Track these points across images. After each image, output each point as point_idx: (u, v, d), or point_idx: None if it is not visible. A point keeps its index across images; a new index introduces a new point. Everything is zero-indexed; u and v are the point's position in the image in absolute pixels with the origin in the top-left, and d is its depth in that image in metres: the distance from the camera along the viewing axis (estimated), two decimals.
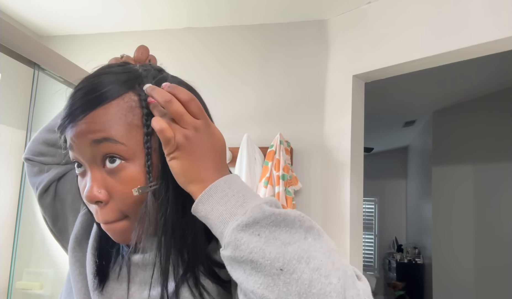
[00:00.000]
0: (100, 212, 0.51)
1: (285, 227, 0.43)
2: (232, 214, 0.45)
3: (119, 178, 0.50)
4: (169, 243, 0.50)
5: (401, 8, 1.85)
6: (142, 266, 0.55)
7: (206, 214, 0.47)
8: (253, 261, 0.41)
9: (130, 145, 0.50)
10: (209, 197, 0.47)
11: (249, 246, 0.42)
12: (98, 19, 2.26)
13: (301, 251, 0.41)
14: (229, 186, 0.47)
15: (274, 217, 0.43)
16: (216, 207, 0.46)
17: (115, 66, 0.54)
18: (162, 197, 0.51)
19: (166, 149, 0.49)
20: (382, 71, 1.93)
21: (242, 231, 0.43)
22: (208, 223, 0.46)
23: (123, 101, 0.51)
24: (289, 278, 0.40)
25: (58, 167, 0.73)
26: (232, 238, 0.43)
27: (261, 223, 0.43)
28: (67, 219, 0.71)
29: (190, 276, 0.51)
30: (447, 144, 4.08)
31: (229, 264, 0.44)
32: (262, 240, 0.42)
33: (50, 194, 0.72)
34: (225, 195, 0.46)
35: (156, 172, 0.51)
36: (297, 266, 0.40)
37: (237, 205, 0.45)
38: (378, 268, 6.40)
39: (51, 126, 0.74)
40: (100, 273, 0.56)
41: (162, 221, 0.50)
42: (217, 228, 0.45)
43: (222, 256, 0.45)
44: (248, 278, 0.41)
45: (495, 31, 1.55)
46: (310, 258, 0.40)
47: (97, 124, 0.49)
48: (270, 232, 0.42)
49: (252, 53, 2.24)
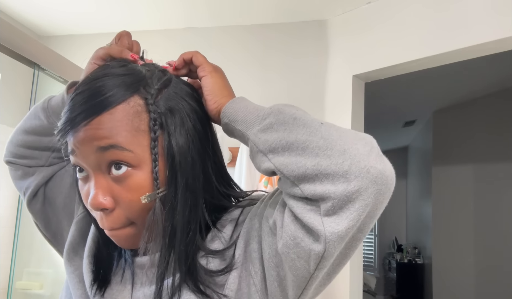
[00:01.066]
0: (105, 219, 0.50)
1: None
2: (262, 108, 0.52)
3: (125, 185, 0.49)
4: (175, 248, 0.50)
5: (401, 8, 1.85)
6: (147, 267, 0.54)
7: (240, 108, 0.53)
8: (297, 118, 0.47)
9: (137, 152, 0.49)
10: (242, 99, 0.55)
11: (291, 110, 0.49)
12: (98, 19, 2.26)
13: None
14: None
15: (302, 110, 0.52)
16: (250, 103, 0.54)
17: (117, 67, 0.53)
18: (170, 203, 0.50)
19: (202, 70, 0.58)
20: (382, 71, 1.93)
21: (282, 105, 0.50)
22: (240, 115, 0.52)
23: (129, 106, 0.49)
24: (329, 126, 0.47)
25: (43, 169, 0.70)
26: (274, 108, 0.50)
27: (295, 107, 0.51)
28: (61, 223, 0.69)
29: (189, 278, 0.51)
30: (447, 144, 4.08)
31: (263, 132, 0.49)
32: (302, 111, 0.50)
33: (39, 199, 0.69)
34: (252, 102, 0.55)
35: (163, 177, 0.50)
36: (333, 124, 0.48)
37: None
38: (378, 268, 6.40)
39: (28, 127, 0.68)
40: (98, 280, 0.56)
41: (169, 227, 0.50)
42: (250, 115, 0.52)
43: (255, 132, 0.50)
44: (289, 134, 0.46)
45: (495, 31, 1.55)
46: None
47: (103, 130, 0.48)
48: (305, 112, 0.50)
49: (252, 53, 2.24)
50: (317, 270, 0.45)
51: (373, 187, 0.42)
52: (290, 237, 0.45)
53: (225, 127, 0.55)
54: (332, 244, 0.42)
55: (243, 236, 0.53)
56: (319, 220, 0.43)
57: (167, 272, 0.50)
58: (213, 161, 0.56)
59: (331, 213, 0.42)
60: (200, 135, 0.54)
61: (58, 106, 0.65)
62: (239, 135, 0.53)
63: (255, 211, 0.55)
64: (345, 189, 0.41)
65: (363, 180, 0.41)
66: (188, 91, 0.56)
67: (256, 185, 1.94)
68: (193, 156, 0.52)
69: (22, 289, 1.66)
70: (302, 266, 0.45)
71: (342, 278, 1.88)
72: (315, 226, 0.43)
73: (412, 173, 5.64)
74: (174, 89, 0.54)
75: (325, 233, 0.42)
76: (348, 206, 0.42)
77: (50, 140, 0.66)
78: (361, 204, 0.42)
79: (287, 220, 0.46)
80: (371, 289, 4.71)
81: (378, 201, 0.43)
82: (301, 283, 0.47)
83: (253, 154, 0.51)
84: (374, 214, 0.44)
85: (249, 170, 1.93)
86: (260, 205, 0.55)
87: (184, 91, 0.55)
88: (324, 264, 0.45)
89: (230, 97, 0.56)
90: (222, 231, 0.54)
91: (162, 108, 0.51)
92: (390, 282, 5.92)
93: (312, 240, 0.43)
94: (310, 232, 0.44)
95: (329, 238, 0.42)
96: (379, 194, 0.42)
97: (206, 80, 0.57)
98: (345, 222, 0.42)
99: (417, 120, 4.57)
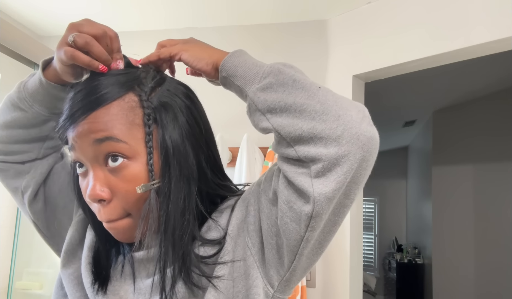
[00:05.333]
0: (103, 211, 0.52)
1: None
2: (262, 65, 0.53)
3: (121, 176, 0.51)
4: (170, 238, 0.51)
5: (401, 8, 1.85)
6: (146, 261, 0.56)
7: (239, 62, 0.54)
8: (296, 80, 0.49)
9: (132, 144, 0.51)
10: (241, 53, 0.56)
11: (291, 72, 0.50)
12: (97, 19, 2.25)
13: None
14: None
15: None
16: (250, 58, 0.55)
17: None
18: (164, 194, 0.52)
19: (173, 50, 0.57)
20: (382, 71, 1.93)
21: (282, 65, 0.51)
22: (239, 70, 0.53)
23: (124, 102, 0.51)
24: (326, 91, 0.48)
25: (38, 164, 0.66)
26: (274, 67, 0.51)
27: (294, 68, 0.52)
28: (61, 222, 0.68)
29: (184, 269, 0.52)
30: (447, 144, 4.08)
31: (263, 91, 0.50)
32: (301, 73, 0.51)
33: (40, 198, 0.67)
34: (251, 57, 0.56)
35: (157, 169, 0.52)
36: (330, 89, 0.49)
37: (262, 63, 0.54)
38: (378, 268, 6.40)
39: (9, 121, 0.62)
40: (99, 279, 0.56)
41: (164, 217, 0.51)
42: (250, 71, 0.53)
43: (254, 91, 0.51)
44: (288, 96, 0.48)
45: (495, 31, 1.55)
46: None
47: (99, 124, 0.50)
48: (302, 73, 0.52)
49: (252, 53, 2.21)
50: (307, 232, 0.48)
51: (360, 152, 0.45)
52: (284, 202, 0.48)
53: (223, 80, 0.57)
54: (320, 204, 0.45)
55: (236, 214, 0.56)
56: (309, 182, 0.46)
57: (165, 262, 0.52)
58: (207, 154, 0.58)
59: (321, 174, 0.45)
60: (193, 129, 0.56)
61: (36, 89, 0.60)
62: (236, 90, 0.55)
63: (248, 190, 0.58)
64: (335, 153, 0.45)
65: (353, 146, 0.44)
66: (181, 89, 0.58)
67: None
68: (186, 148, 0.54)
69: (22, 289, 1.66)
70: (294, 229, 0.48)
71: (342, 278, 1.88)
72: (305, 188, 0.46)
73: (412, 173, 5.64)
74: (168, 87, 0.56)
75: (313, 193, 0.45)
76: (336, 168, 0.45)
77: (39, 130, 0.63)
78: (348, 168, 0.45)
79: (281, 186, 0.49)
80: (371, 289, 4.71)
81: (362, 167, 0.46)
82: (293, 247, 0.50)
83: (251, 111, 0.53)
84: (358, 180, 0.47)
85: (249, 169, 1.93)
86: (252, 186, 0.58)
87: (178, 90, 0.57)
88: (313, 225, 0.47)
89: (219, 52, 0.58)
90: (218, 220, 0.56)
91: (155, 104, 0.53)
92: (390, 282, 5.93)
93: (303, 202, 0.47)
94: (302, 195, 0.47)
95: (317, 198, 0.45)
96: (363, 160, 0.46)
97: (184, 56, 0.59)
98: (332, 184, 0.45)
99: (417, 120, 4.57)
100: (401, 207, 6.16)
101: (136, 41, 2.43)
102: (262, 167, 1.96)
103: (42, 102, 0.60)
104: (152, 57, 0.58)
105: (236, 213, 0.56)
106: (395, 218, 6.19)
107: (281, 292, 0.54)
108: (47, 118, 0.62)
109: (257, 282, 0.52)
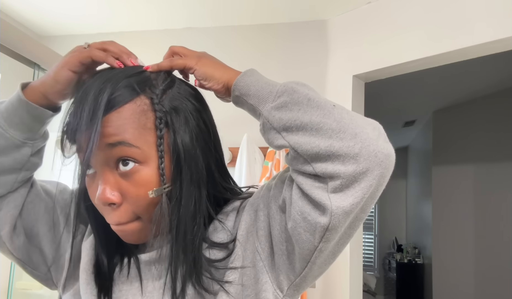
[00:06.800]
0: (112, 214, 0.52)
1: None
2: (275, 84, 0.53)
3: (133, 181, 0.51)
4: (181, 242, 0.51)
5: (401, 8, 1.85)
6: (153, 263, 0.55)
7: (252, 81, 0.54)
8: (310, 98, 0.49)
9: (144, 149, 0.51)
10: (252, 72, 0.56)
11: (305, 90, 0.50)
12: (98, 19, 2.26)
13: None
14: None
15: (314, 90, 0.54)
16: (262, 77, 0.56)
17: (123, 70, 0.54)
18: (175, 198, 0.51)
19: (188, 64, 0.57)
20: (382, 71, 1.93)
21: (295, 84, 0.51)
22: (252, 89, 0.54)
23: (136, 105, 0.51)
24: (341, 109, 0.48)
25: (11, 198, 0.59)
26: (288, 86, 0.51)
27: (307, 86, 0.52)
28: (43, 252, 0.63)
29: (195, 273, 0.52)
30: (447, 144, 4.08)
31: (277, 110, 0.50)
32: (314, 92, 0.51)
33: (20, 232, 0.60)
34: (263, 76, 0.56)
35: (169, 173, 0.52)
36: (343, 107, 0.50)
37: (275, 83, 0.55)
38: (378, 268, 6.40)
39: None
40: (103, 288, 0.56)
41: (175, 221, 0.51)
42: (263, 90, 0.53)
43: (269, 110, 0.51)
44: (304, 114, 0.48)
45: (495, 31, 1.55)
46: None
47: (111, 128, 0.49)
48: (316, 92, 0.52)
49: (252, 53, 2.23)
50: (321, 243, 0.48)
51: (378, 169, 0.45)
52: (298, 212, 0.48)
53: (235, 99, 0.57)
54: (337, 218, 0.45)
55: (245, 218, 0.56)
56: (326, 196, 0.46)
57: (176, 266, 0.52)
58: (215, 157, 0.58)
59: (338, 190, 0.45)
60: (203, 133, 0.56)
61: (13, 111, 0.55)
62: (250, 108, 0.55)
63: (257, 195, 0.58)
64: (354, 170, 0.45)
65: (371, 163, 0.45)
66: (191, 92, 0.58)
67: (257, 184, 1.94)
68: (197, 152, 0.54)
69: (22, 289, 1.66)
70: (308, 239, 0.48)
71: (342, 278, 1.88)
72: (322, 201, 0.46)
73: (412, 173, 5.64)
74: (178, 89, 0.56)
75: (331, 206, 0.45)
76: (354, 185, 0.45)
77: (13, 158, 0.56)
78: (366, 184, 0.45)
79: (295, 197, 0.49)
80: (371, 289, 4.71)
81: (379, 183, 0.47)
82: (306, 256, 0.50)
83: (265, 130, 0.53)
84: (375, 195, 0.48)
85: (249, 169, 1.93)
86: (261, 190, 0.58)
87: (188, 92, 0.57)
88: (328, 237, 0.47)
89: (230, 72, 0.58)
90: (224, 222, 0.57)
91: (167, 107, 0.53)
92: (390, 282, 5.92)
93: (319, 213, 0.46)
94: (317, 206, 0.46)
95: (335, 211, 0.45)
96: (381, 176, 0.46)
97: (197, 73, 0.58)
98: (350, 199, 0.45)
99: (417, 120, 4.57)
100: (401, 207, 6.16)
101: (137, 41, 2.42)
102: (262, 167, 1.96)
103: (19, 126, 0.55)
104: (164, 66, 0.57)
105: (245, 217, 0.56)
106: (395, 218, 6.19)
107: (290, 296, 0.54)
108: (20, 144, 0.56)
109: (267, 286, 0.52)
